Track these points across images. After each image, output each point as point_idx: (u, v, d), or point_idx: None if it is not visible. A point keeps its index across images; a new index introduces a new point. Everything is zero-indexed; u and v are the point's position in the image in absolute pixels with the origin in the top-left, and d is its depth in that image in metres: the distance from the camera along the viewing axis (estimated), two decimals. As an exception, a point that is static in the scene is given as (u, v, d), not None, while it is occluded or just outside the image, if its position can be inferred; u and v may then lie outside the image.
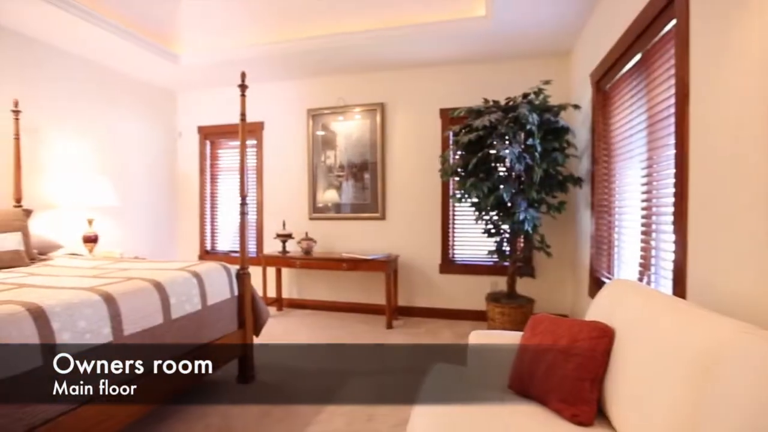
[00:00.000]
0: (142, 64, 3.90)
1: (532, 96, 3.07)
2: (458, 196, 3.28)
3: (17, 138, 3.05)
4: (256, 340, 3.21)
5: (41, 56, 3.38)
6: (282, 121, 4.50)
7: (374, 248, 4.20)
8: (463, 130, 3.22)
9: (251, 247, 4.67)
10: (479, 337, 1.60)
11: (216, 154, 4.82)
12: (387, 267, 3.65)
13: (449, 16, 3.24)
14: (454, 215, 4.05)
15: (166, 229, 4.72)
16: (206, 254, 4.81)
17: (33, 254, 2.65)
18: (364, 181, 4.24)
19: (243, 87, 2.49)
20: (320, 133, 4.36)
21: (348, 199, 4.29)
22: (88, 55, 3.68)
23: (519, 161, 2.85)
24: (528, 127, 2.79)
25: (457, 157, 3.48)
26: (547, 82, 3.06)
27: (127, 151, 4.19)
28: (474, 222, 3.52)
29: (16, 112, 3.06)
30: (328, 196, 4.36)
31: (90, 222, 3.49)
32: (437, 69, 4.02)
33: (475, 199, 3.17)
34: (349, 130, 4.28)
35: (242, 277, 2.47)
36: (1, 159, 3.05)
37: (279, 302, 4.34)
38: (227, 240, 4.84)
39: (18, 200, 3.04)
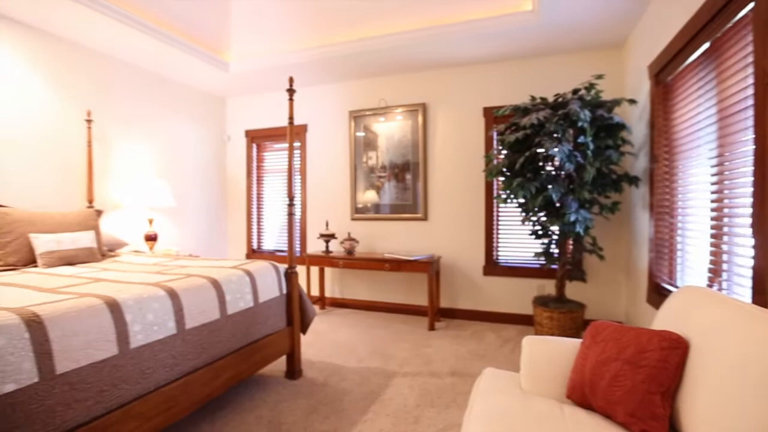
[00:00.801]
0: (196, 73, 4.12)
1: (583, 91, 2.94)
2: (503, 196, 3.20)
3: (90, 145, 3.33)
4: (303, 338, 3.30)
5: (111, 70, 3.66)
6: (324, 123, 4.59)
7: (416, 249, 4.19)
8: (509, 129, 3.14)
9: (296, 246, 4.79)
10: (533, 343, 1.55)
11: (262, 156, 5.00)
12: (429, 268, 3.63)
13: (494, 13, 3.17)
14: (498, 216, 3.96)
15: (217, 229, 4.95)
16: (253, 253, 5.00)
17: (104, 251, 2.87)
18: (406, 182, 4.24)
19: (291, 91, 2.55)
20: (362, 134, 4.41)
21: (389, 200, 4.31)
22: (149, 67, 3.94)
23: (569, 160, 2.74)
24: (579, 124, 2.68)
25: (501, 156, 3.40)
26: (599, 77, 2.92)
27: (182, 155, 4.45)
28: (520, 223, 3.43)
29: (89, 122, 3.33)
30: (367, 196, 4.40)
31: (150, 222, 3.73)
32: (480, 67, 3.95)
33: (522, 200, 3.08)
34: (391, 131, 4.30)
35: (290, 276, 2.54)
36: (76, 165, 3.33)
37: (322, 301, 4.43)
38: (272, 239, 5.00)
39: (90, 201, 3.31)
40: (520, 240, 3.85)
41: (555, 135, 2.81)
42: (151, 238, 3.64)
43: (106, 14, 2.91)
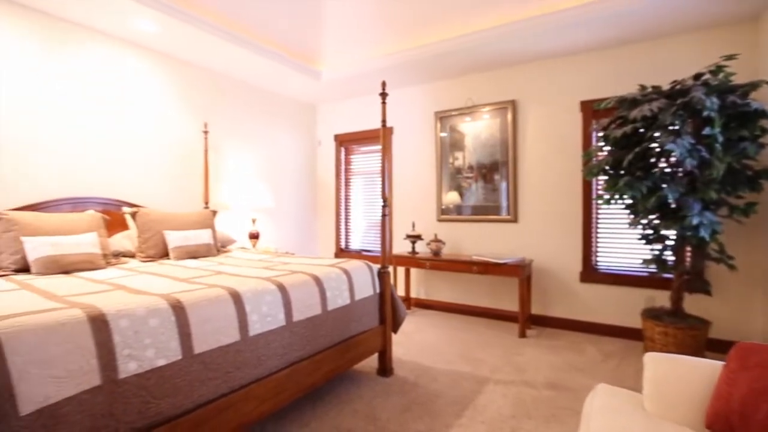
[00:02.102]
0: (291, 83, 4.44)
1: (708, 76, 2.59)
2: (606, 197, 2.94)
3: (206, 153, 3.77)
4: (393, 337, 3.37)
5: (223, 86, 4.12)
6: (410, 125, 4.64)
7: (504, 252, 4.04)
8: (614, 123, 2.88)
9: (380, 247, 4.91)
10: (657, 361, 1.39)
11: (349, 159, 5.22)
12: (521, 272, 3.48)
13: (594, -3, 2.94)
14: (597, 218, 3.65)
15: (308, 228, 5.28)
16: (341, 252, 5.23)
17: (218, 247, 3.23)
18: (494, 182, 4.11)
19: (384, 95, 2.63)
20: (447, 134, 4.38)
21: (476, 201, 4.21)
22: (252, 81, 4.34)
23: (690, 155, 2.43)
24: (705, 113, 2.36)
25: (604, 153, 3.13)
26: (730, 57, 2.53)
27: (279, 160, 4.82)
28: (625, 227, 3.13)
29: (206, 133, 3.79)
30: (450, 198, 4.35)
31: (254, 221, 4.10)
32: (577, 57, 3.68)
33: (630, 201, 2.81)
34: (478, 131, 4.20)
35: (383, 276, 2.61)
36: (195, 170, 3.81)
37: (407, 302, 4.48)
38: (359, 239, 5.18)
39: (206, 203, 3.76)
40: (624, 245, 3.51)
41: (671, 127, 2.51)
42: (254, 236, 4.01)
43: (225, 39, 3.30)
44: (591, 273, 3.64)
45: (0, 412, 1.07)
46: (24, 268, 2.26)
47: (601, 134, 3.02)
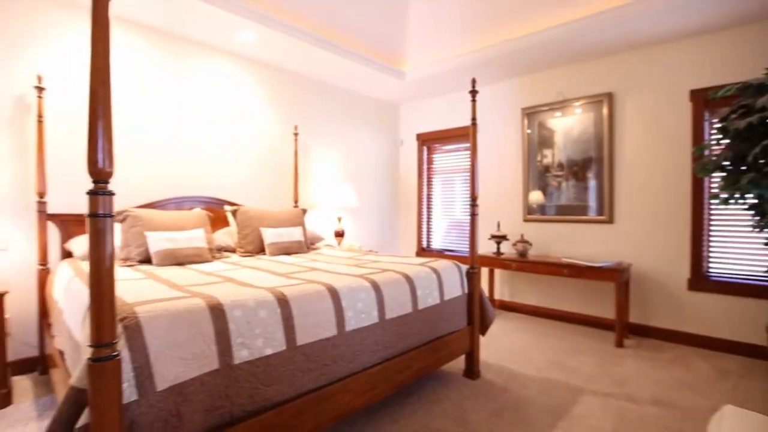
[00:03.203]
0: (375, 84, 4.52)
1: None
2: (724, 196, 2.55)
3: (296, 155, 4.00)
4: (481, 339, 3.27)
5: (312, 90, 4.33)
6: (494, 122, 4.47)
7: (598, 254, 3.72)
8: (735, 113, 2.49)
9: (463, 247, 4.82)
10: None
11: (431, 158, 5.18)
12: (618, 277, 3.17)
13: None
14: (710, 220, 3.21)
15: (389, 227, 5.34)
16: (422, 251, 5.22)
17: (308, 244, 3.40)
18: (586, 181, 3.81)
19: (474, 92, 2.55)
20: (535, 131, 4.14)
21: (567, 200, 3.93)
22: (338, 84, 4.50)
23: None
24: None
25: (721, 147, 2.73)
26: None
27: (361, 160, 4.94)
28: (748, 230, 2.70)
29: (296, 135, 4.01)
30: (533, 197, 4.11)
31: (339, 219, 4.25)
32: (687, 42, 3.26)
33: (755, 201, 2.42)
34: (569, 126, 3.91)
35: (472, 276, 2.54)
36: (285, 171, 4.05)
37: (491, 303, 4.33)
38: (440, 239, 5.13)
39: (295, 202, 3.98)
40: (743, 250, 3.05)
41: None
42: (339, 234, 4.15)
43: (316, 44, 3.47)
44: (701, 281, 3.21)
45: (142, 387, 1.20)
46: (146, 260, 2.56)
47: (718, 126, 2.64)
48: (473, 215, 2.53)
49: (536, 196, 4.12)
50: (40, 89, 2.62)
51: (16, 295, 2.61)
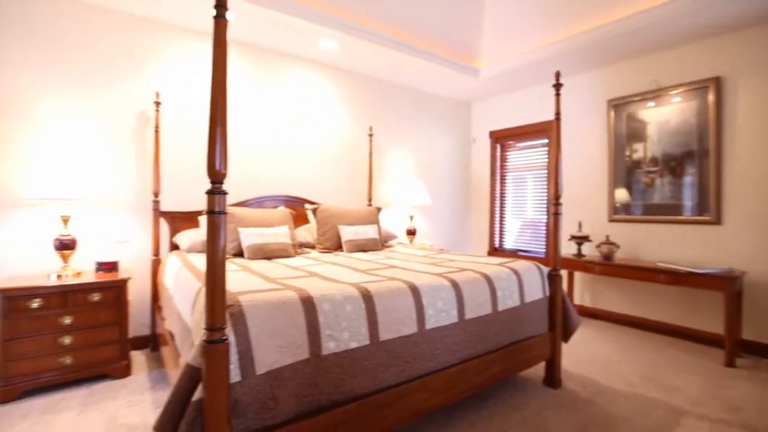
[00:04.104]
0: (448, 83, 4.47)
1: None
2: None
3: (370, 155, 4.10)
4: (563, 346, 3.11)
5: (386, 91, 4.42)
6: (576, 116, 4.20)
7: (700, 259, 3.33)
8: None
9: (538, 247, 4.59)
10: None
11: (505, 156, 5.01)
12: (728, 286, 2.81)
13: None
14: None
15: (460, 226, 5.26)
16: (494, 251, 5.07)
17: (382, 242, 3.47)
18: (685, 177, 3.42)
19: (558, 86, 2.41)
20: (623, 124, 3.81)
21: (662, 198, 3.57)
22: (411, 84, 4.53)
23: None
24: None
25: None
26: None
27: (433, 158, 4.93)
28: None
29: (371, 136, 4.11)
30: (620, 195, 3.78)
31: (411, 218, 4.28)
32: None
33: None
34: (665, 117, 3.54)
35: (554, 278, 2.42)
36: (360, 170, 4.17)
37: (569, 309, 4.08)
38: (513, 239, 4.94)
39: (369, 200, 4.08)
40: None
41: None
42: (411, 233, 4.18)
43: (392, 47, 3.53)
44: (844, 295, 2.73)
45: (244, 369, 1.32)
46: (239, 253, 2.80)
47: None
48: (556, 214, 2.40)
49: (621, 195, 3.80)
50: (157, 104, 2.99)
51: (135, 281, 3.01)
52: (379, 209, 3.65)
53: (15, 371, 2.24)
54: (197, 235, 2.95)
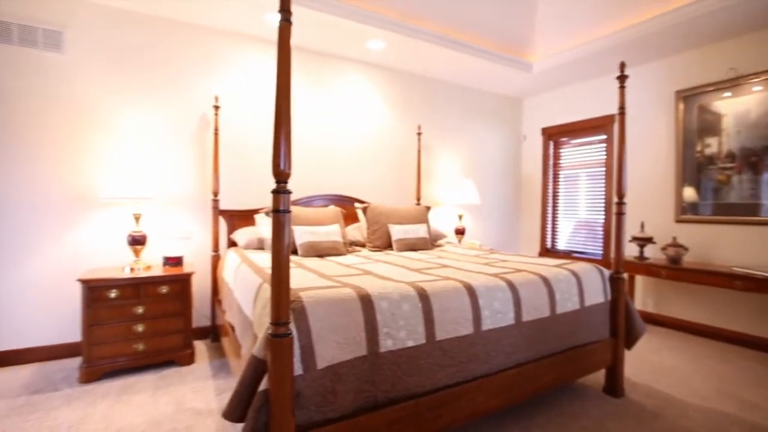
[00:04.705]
0: (498, 79, 4.36)
1: None
2: None
3: (419, 153, 4.09)
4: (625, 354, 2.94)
5: (434, 90, 4.40)
6: (639, 109, 3.94)
7: (788, 266, 3.01)
8: None
9: (593, 249, 4.37)
10: None
11: (558, 153, 4.81)
12: (820, 295, 2.52)
13: None
14: None
15: (509, 225, 5.12)
16: (546, 252, 4.88)
17: (432, 242, 3.45)
18: (763, 174, 3.11)
19: (622, 77, 2.27)
20: (693, 116, 3.53)
21: (740, 197, 3.26)
22: (459, 81, 4.47)
23: None
24: None
25: None
26: None
27: (482, 156, 4.83)
28: None
29: (419, 135, 4.10)
30: (689, 194, 3.50)
31: (460, 217, 4.22)
32: None
33: None
34: (744, 108, 3.24)
35: (616, 282, 2.29)
36: (407, 169, 4.17)
37: (629, 314, 3.84)
38: (565, 239, 4.73)
39: (418, 199, 4.07)
40: None
41: None
42: (460, 232, 4.12)
43: (441, 44, 3.50)
44: None
45: (306, 363, 1.36)
46: (293, 251, 2.89)
47: None
48: (619, 214, 2.26)
49: (691, 193, 3.52)
50: (216, 107, 3.15)
51: (196, 275, 3.19)
52: (428, 208, 3.63)
53: (97, 354, 2.46)
54: (253, 232, 3.08)
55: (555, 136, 4.79)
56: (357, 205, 3.56)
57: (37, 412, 2.08)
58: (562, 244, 4.77)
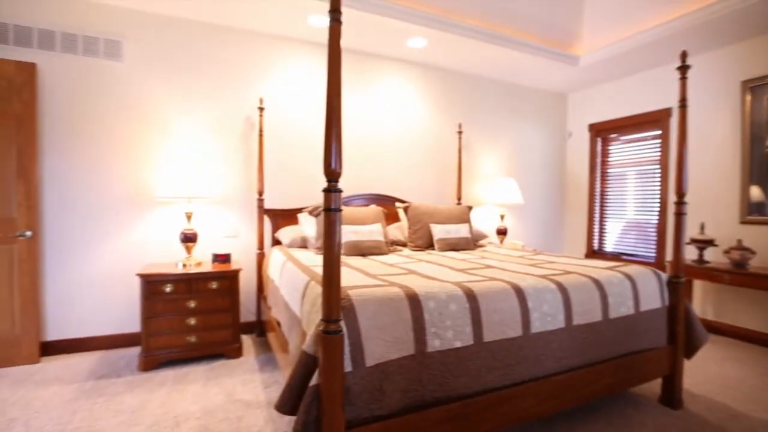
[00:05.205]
0: (541, 74, 4.22)
1: None
2: None
3: (460, 152, 4.03)
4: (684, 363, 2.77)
5: (475, 87, 4.32)
6: (696, 102, 3.69)
7: None
8: None
9: (646, 251, 4.13)
10: None
11: (606, 150, 4.59)
12: None
13: None
14: None
15: (553, 225, 4.95)
16: (593, 254, 4.68)
17: (474, 242, 3.39)
18: None
19: (684, 68, 2.13)
20: (763, 108, 3.25)
21: (816, 197, 2.98)
22: (500, 77, 4.36)
23: None
24: None
25: None
26: None
27: (524, 155, 4.69)
28: None
29: (460, 133, 4.04)
30: (754, 193, 3.23)
31: (502, 217, 4.13)
32: None
33: None
34: (821, 97, 2.95)
35: (675, 286, 2.15)
36: (448, 168, 4.13)
37: (686, 321, 3.61)
38: (613, 240, 4.51)
39: (458, 199, 4.02)
40: None
41: None
42: (502, 232, 4.03)
43: (483, 39, 3.43)
44: None
45: (355, 360, 1.38)
46: (335, 249, 2.92)
47: None
48: (679, 215, 2.13)
49: (759, 192, 3.25)
50: (261, 109, 3.26)
51: (242, 273, 3.31)
52: (470, 208, 3.57)
53: (154, 345, 2.61)
54: (296, 231, 3.16)
55: (603, 132, 4.57)
56: (398, 204, 3.56)
57: (103, 396, 2.23)
58: (610, 246, 4.55)
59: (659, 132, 3.98)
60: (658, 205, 3.99)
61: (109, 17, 2.93)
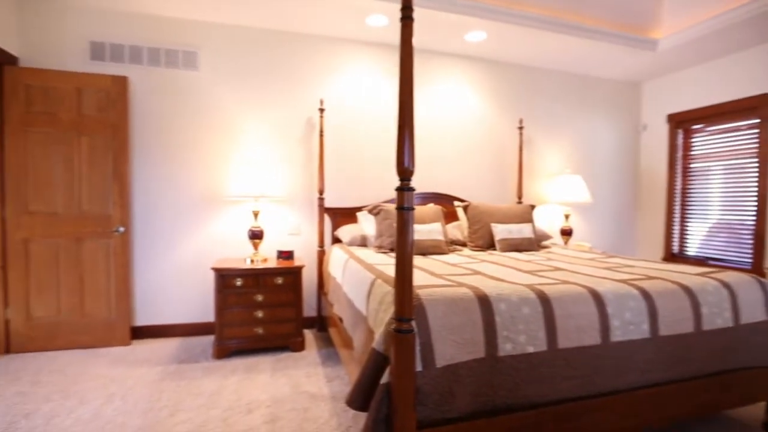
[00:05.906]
0: (611, 61, 3.93)
1: None
2: None
3: (520, 149, 3.87)
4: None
5: (536, 80, 4.13)
6: (802, 86, 3.25)
7: None
8: None
9: (741, 257, 3.71)
10: None
11: (689, 143, 4.18)
12: None
13: None
14: None
15: (625, 226, 4.60)
16: (672, 258, 4.29)
17: (537, 242, 3.24)
18: None
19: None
20: None
21: None
22: (564, 68, 4.13)
23: None
24: None
25: None
26: None
27: (591, 150, 4.40)
28: None
29: (520, 129, 3.88)
30: None
31: (566, 217, 3.91)
32: None
33: None
34: None
35: (782, 297, 1.90)
36: (508, 165, 3.99)
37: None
38: (697, 243, 4.09)
39: (519, 197, 3.86)
40: None
41: None
42: (566, 233, 3.81)
43: (546, 28, 3.26)
44: None
45: (425, 360, 1.36)
46: (390, 249, 2.92)
47: None
48: (789, 216, 1.88)
49: None
50: (321, 110, 3.35)
51: (304, 269, 3.42)
52: (532, 207, 3.42)
53: (227, 335, 2.77)
54: (356, 230, 3.20)
55: (685, 123, 4.16)
56: (456, 203, 3.49)
57: (184, 379, 2.41)
58: (693, 250, 4.14)
59: (757, 121, 3.54)
60: (755, 203, 3.55)
61: (186, 30, 3.15)
